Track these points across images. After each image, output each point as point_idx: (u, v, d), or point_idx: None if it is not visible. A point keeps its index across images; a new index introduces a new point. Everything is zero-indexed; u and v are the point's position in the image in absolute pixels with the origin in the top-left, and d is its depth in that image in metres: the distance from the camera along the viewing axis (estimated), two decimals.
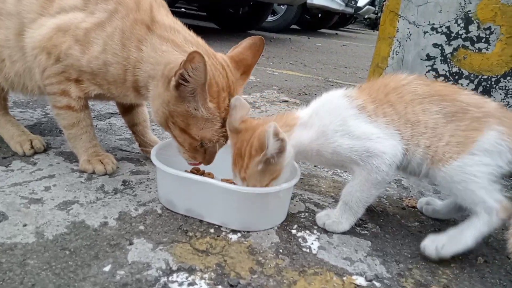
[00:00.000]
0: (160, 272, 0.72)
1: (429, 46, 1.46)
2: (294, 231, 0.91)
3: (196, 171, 1.04)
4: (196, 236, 0.84)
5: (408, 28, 1.48)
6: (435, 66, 1.47)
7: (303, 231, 0.91)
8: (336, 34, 9.17)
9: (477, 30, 1.38)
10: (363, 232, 0.94)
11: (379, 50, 1.56)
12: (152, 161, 0.92)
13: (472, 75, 1.42)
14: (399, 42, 1.51)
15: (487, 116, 0.85)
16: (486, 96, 1.15)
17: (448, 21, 1.42)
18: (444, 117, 0.86)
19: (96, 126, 1.41)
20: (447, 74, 1.46)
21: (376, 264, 0.82)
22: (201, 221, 0.89)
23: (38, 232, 0.79)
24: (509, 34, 1.33)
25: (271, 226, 0.91)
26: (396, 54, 1.52)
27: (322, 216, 0.94)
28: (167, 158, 0.95)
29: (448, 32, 1.42)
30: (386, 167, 0.86)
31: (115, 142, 1.31)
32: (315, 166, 1.31)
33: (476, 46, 1.39)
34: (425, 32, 1.46)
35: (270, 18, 6.41)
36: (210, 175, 1.05)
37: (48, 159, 1.11)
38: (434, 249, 0.84)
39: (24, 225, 0.80)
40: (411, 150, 0.87)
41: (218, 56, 0.95)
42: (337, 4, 7.20)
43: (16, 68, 1.05)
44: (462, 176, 0.83)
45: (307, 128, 0.89)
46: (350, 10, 8.19)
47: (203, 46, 0.94)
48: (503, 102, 1.37)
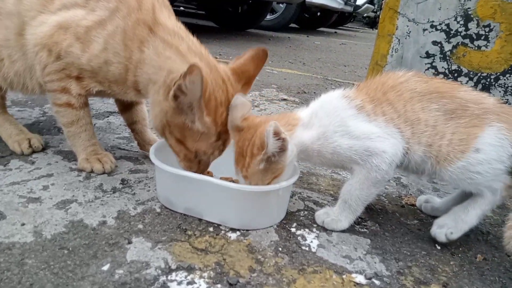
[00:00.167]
0: (159, 271, 0.71)
1: (428, 43, 1.46)
2: (293, 229, 0.90)
3: None
4: (195, 234, 0.84)
5: (408, 26, 1.48)
6: (434, 64, 1.47)
7: (302, 229, 0.91)
8: (335, 32, 9.16)
9: (476, 28, 1.38)
10: (362, 230, 0.94)
11: (378, 48, 1.56)
12: (150, 159, 0.92)
13: (471, 73, 1.42)
14: (398, 40, 1.51)
15: (487, 112, 0.86)
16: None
17: (448, 18, 1.42)
18: (444, 114, 0.86)
19: (94, 125, 1.41)
20: (447, 71, 1.46)
21: (375, 262, 0.82)
22: (200, 219, 0.89)
23: (36, 231, 0.78)
24: (508, 32, 1.33)
25: (270, 224, 0.91)
26: (396, 52, 1.52)
27: (321, 214, 0.93)
28: (166, 156, 0.95)
29: (448, 29, 1.42)
30: (386, 166, 0.85)
31: (113, 140, 1.31)
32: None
33: (476, 43, 1.39)
34: (424, 30, 1.46)
35: (269, 17, 6.40)
36: (209, 173, 1.05)
37: (47, 158, 1.10)
38: (444, 236, 0.89)
39: (22, 224, 0.80)
40: (413, 149, 0.87)
41: (220, 68, 0.93)
42: (336, 3, 7.19)
43: (16, 67, 1.05)
44: (469, 174, 0.85)
45: (308, 129, 0.89)
46: (349, 9, 8.18)
47: (205, 57, 0.92)
48: (502, 99, 1.37)
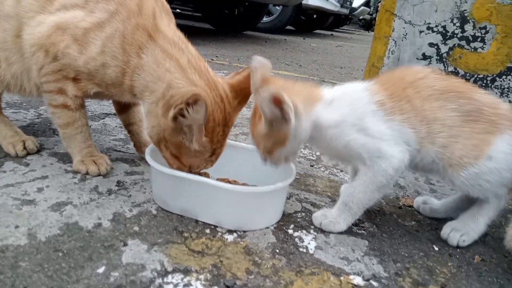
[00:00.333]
0: (155, 274, 0.70)
1: (425, 45, 1.47)
2: (290, 231, 0.90)
3: None
4: (191, 236, 0.83)
5: (404, 28, 1.48)
6: (431, 66, 1.47)
7: (299, 231, 0.90)
8: (331, 35, 9.19)
9: (472, 30, 1.38)
10: (360, 231, 0.94)
11: (375, 50, 1.56)
12: (146, 160, 0.91)
13: (467, 74, 1.42)
14: (395, 42, 1.51)
15: (501, 118, 0.85)
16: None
17: (444, 20, 1.42)
18: (461, 115, 0.85)
19: (90, 127, 1.39)
20: (443, 73, 1.46)
21: (373, 264, 0.82)
22: (196, 221, 0.88)
23: (30, 234, 0.77)
24: (504, 34, 1.34)
25: (267, 225, 0.90)
26: (392, 54, 1.52)
27: (319, 216, 0.93)
28: (162, 157, 0.94)
29: (444, 31, 1.43)
30: (393, 171, 0.84)
31: (109, 142, 1.30)
32: (311, 165, 1.30)
33: (472, 45, 1.40)
34: (421, 32, 1.46)
35: (265, 19, 6.41)
36: (205, 174, 1.04)
37: (41, 160, 1.09)
38: (456, 241, 0.91)
39: (16, 226, 0.79)
40: (425, 149, 0.86)
41: (219, 84, 0.91)
42: (332, 5, 7.21)
43: (13, 70, 1.04)
44: (479, 181, 0.85)
45: (328, 111, 0.86)
46: (345, 11, 8.21)
47: (205, 73, 0.91)
48: None
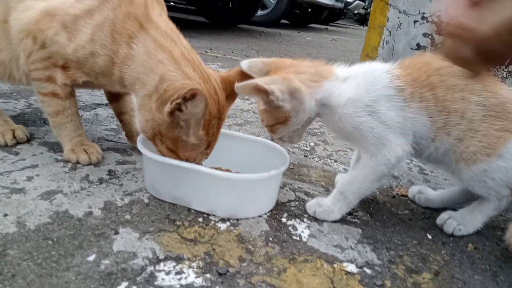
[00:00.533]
0: (147, 261, 0.70)
1: (419, 35, 1.46)
2: (284, 220, 0.89)
3: None
4: (184, 225, 0.82)
5: (399, 17, 1.48)
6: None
7: (293, 220, 0.90)
8: (326, 29, 9.17)
9: None
10: (353, 220, 0.94)
11: (369, 40, 1.56)
12: (138, 148, 0.90)
13: None
14: (389, 32, 1.50)
15: None
16: None
17: (439, 10, 1.41)
18: (483, 109, 0.83)
19: (82, 117, 1.38)
20: None
21: (366, 252, 0.82)
22: (189, 210, 0.87)
23: (19, 222, 0.76)
24: None
25: (260, 213, 0.89)
26: (386, 44, 1.52)
27: (313, 205, 0.92)
28: (153, 145, 0.92)
29: (439, 21, 1.42)
30: (396, 160, 0.84)
31: (101, 132, 1.28)
32: (305, 156, 1.30)
33: None
34: (415, 21, 1.46)
35: (260, 12, 6.37)
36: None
37: (32, 149, 1.07)
38: (452, 228, 0.91)
39: (5, 215, 0.77)
40: (440, 139, 0.85)
41: (212, 77, 0.90)
42: None
43: (1, 57, 1.02)
44: (485, 178, 0.84)
45: (340, 89, 0.85)
46: (339, 5, 8.18)
47: (198, 65, 0.89)
48: None
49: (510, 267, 0.83)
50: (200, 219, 0.85)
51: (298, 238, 0.83)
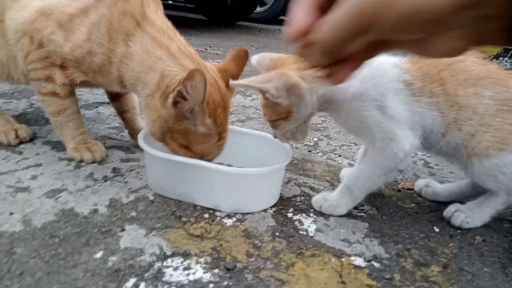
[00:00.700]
0: (154, 258, 0.69)
1: None
2: (290, 215, 0.89)
3: None
4: (190, 221, 0.82)
5: None
6: None
7: (299, 215, 0.89)
8: None
9: None
10: (359, 214, 0.93)
11: None
12: (140, 145, 0.89)
13: None
14: None
15: None
16: None
17: None
18: (496, 104, 0.82)
19: (83, 115, 1.38)
20: None
21: (374, 245, 0.81)
22: (194, 206, 0.87)
23: (25, 221, 0.75)
24: None
25: (264, 207, 0.89)
26: None
27: (319, 199, 0.92)
28: (155, 142, 0.92)
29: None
30: (404, 154, 0.82)
31: (103, 130, 1.28)
32: (309, 151, 1.29)
33: None
34: None
35: (258, 9, 6.34)
36: None
37: (35, 148, 1.07)
38: (460, 221, 0.90)
39: (11, 213, 0.77)
40: (451, 134, 0.84)
41: (209, 68, 0.91)
42: None
43: None
44: (496, 172, 0.84)
45: (344, 84, 0.81)
46: None
47: (196, 58, 0.89)
48: None
49: None
50: (206, 215, 0.84)
51: (304, 233, 0.82)
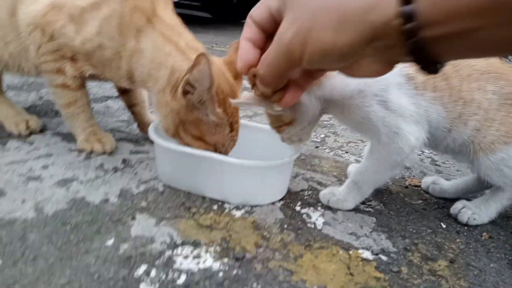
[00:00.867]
0: (165, 246, 0.70)
1: None
2: (298, 208, 0.89)
3: None
4: (199, 212, 0.82)
5: None
6: None
7: (307, 208, 0.90)
8: None
9: None
10: (367, 209, 0.94)
11: None
12: (149, 137, 0.90)
13: None
14: None
15: None
16: None
17: None
18: (499, 98, 0.82)
19: (93, 109, 1.38)
20: None
21: (381, 239, 0.82)
22: (204, 198, 0.88)
23: (37, 208, 0.76)
24: None
25: (272, 201, 0.90)
26: None
27: (327, 194, 0.92)
28: (165, 134, 0.93)
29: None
30: (409, 149, 0.82)
31: (113, 124, 1.29)
32: (316, 147, 1.30)
33: None
34: None
35: None
36: None
37: (45, 139, 1.08)
38: (467, 217, 0.91)
39: (23, 201, 0.78)
40: (457, 130, 0.84)
41: (216, 61, 0.92)
42: None
43: (10, 49, 1.02)
44: (502, 166, 0.84)
45: (343, 83, 0.82)
46: None
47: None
48: None
49: None
50: (215, 207, 0.85)
51: (312, 226, 0.83)
